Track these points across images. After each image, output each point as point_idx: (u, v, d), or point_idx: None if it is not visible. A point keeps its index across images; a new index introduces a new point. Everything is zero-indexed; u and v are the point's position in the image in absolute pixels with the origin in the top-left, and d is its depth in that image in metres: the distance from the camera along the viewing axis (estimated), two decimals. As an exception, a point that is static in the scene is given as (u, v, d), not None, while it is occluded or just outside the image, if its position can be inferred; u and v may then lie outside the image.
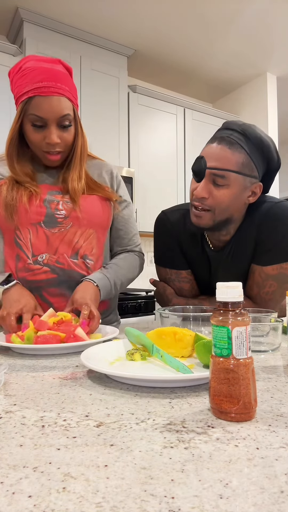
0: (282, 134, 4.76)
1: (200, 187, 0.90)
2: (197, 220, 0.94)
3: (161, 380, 0.51)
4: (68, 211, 0.97)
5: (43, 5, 2.50)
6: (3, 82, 2.39)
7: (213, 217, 0.92)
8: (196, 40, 2.92)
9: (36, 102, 0.88)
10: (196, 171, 0.91)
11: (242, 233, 1.00)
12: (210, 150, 0.90)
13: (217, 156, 0.88)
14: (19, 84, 0.90)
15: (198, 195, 0.90)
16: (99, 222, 1.02)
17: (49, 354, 0.74)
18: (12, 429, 0.39)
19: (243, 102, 3.66)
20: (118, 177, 1.12)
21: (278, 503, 0.26)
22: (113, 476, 0.30)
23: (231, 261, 1.03)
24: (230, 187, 0.89)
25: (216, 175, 0.89)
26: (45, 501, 0.27)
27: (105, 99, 2.82)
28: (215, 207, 0.91)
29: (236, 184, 0.89)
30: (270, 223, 0.96)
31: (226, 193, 0.89)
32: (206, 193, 0.90)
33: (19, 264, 0.96)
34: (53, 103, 0.88)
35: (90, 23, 2.69)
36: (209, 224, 0.93)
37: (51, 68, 0.89)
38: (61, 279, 0.95)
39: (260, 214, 0.97)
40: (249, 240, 0.99)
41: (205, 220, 0.93)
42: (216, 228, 0.96)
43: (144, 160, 3.02)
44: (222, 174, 0.88)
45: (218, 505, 0.26)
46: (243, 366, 0.41)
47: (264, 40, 2.94)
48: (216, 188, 0.90)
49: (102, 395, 0.49)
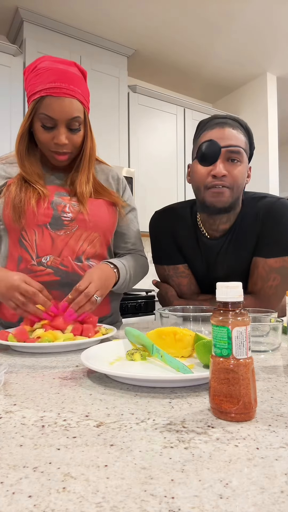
0: (282, 134, 4.76)
1: (220, 166, 0.95)
2: (218, 197, 0.97)
3: (161, 380, 0.51)
4: (74, 214, 0.96)
5: (43, 5, 2.50)
6: (3, 82, 2.39)
7: (232, 194, 0.97)
8: (196, 40, 2.92)
9: (48, 102, 0.88)
10: (209, 153, 0.96)
11: (243, 224, 1.04)
12: (219, 133, 0.96)
13: (227, 136, 0.95)
14: (32, 82, 0.91)
15: (220, 173, 0.94)
16: (105, 226, 1.01)
17: (49, 352, 0.74)
18: (12, 429, 0.39)
19: (243, 102, 3.66)
20: (124, 183, 1.13)
21: (278, 503, 0.26)
22: (113, 476, 0.30)
23: (230, 251, 1.06)
24: (242, 164, 0.97)
25: (232, 152, 0.95)
26: (45, 501, 0.27)
27: (105, 99, 2.82)
28: (233, 184, 0.96)
29: (244, 161, 0.98)
30: (273, 218, 1.00)
31: (240, 169, 0.97)
32: (225, 170, 0.95)
33: (21, 265, 0.95)
34: (64, 104, 0.89)
35: (90, 23, 2.69)
36: (229, 201, 0.98)
37: (65, 70, 0.90)
38: (64, 281, 0.94)
39: (264, 208, 1.02)
40: (250, 233, 1.03)
41: (225, 197, 0.97)
42: (230, 208, 1.00)
43: (144, 160, 3.02)
44: (237, 150, 0.95)
45: (218, 505, 0.26)
46: (243, 366, 0.41)
47: (264, 40, 2.95)
48: (232, 166, 0.96)
49: (102, 395, 0.49)
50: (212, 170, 0.96)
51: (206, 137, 0.98)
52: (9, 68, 2.43)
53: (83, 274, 0.96)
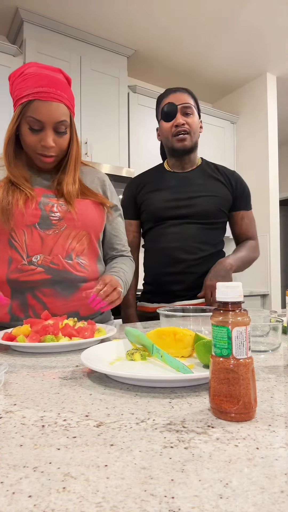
0: (282, 134, 4.76)
1: (179, 118, 1.32)
2: (182, 143, 1.34)
3: (161, 380, 0.51)
4: (62, 213, 0.99)
5: (43, 5, 2.50)
6: (3, 82, 2.40)
7: (191, 138, 1.35)
8: (196, 40, 2.92)
9: (36, 106, 0.92)
10: (170, 111, 1.33)
11: (204, 166, 1.44)
12: (175, 96, 1.34)
13: (180, 98, 1.34)
14: (20, 87, 0.94)
15: (180, 122, 1.31)
16: (93, 224, 1.05)
17: (49, 352, 0.74)
18: (12, 429, 0.39)
19: (243, 102, 3.66)
20: (111, 186, 1.17)
21: (278, 503, 0.26)
22: (113, 476, 0.30)
23: (197, 176, 1.40)
24: (194, 116, 1.35)
25: (185, 107, 1.33)
26: (45, 501, 0.27)
27: (105, 99, 2.82)
28: (191, 129, 1.33)
29: (195, 114, 1.36)
30: (240, 181, 1.42)
31: (194, 119, 1.35)
32: (183, 120, 1.32)
33: (11, 266, 0.96)
34: (52, 108, 0.92)
35: (90, 23, 2.69)
36: (190, 144, 1.35)
37: (52, 76, 0.94)
38: (55, 279, 0.97)
39: (221, 167, 1.45)
40: (211, 174, 1.42)
41: (187, 140, 1.34)
42: (192, 150, 1.37)
43: (144, 160, 3.02)
44: (189, 105, 1.33)
45: (218, 505, 0.26)
46: (243, 366, 0.41)
47: (264, 40, 2.95)
48: (188, 118, 1.34)
49: (102, 395, 0.49)
50: (174, 122, 1.32)
51: (165, 101, 1.34)
52: (9, 68, 2.43)
53: (74, 271, 1.00)
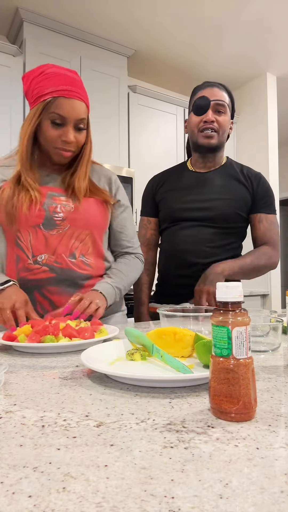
0: (282, 134, 4.76)
1: (210, 114, 1.26)
2: (208, 140, 1.28)
3: (161, 380, 0.51)
4: (65, 213, 1.02)
5: (43, 5, 2.50)
6: (3, 82, 2.39)
7: (218, 137, 1.29)
8: (196, 40, 2.92)
9: (60, 102, 0.96)
10: (202, 105, 1.27)
11: (228, 166, 1.36)
12: (211, 91, 1.27)
13: (215, 93, 1.27)
14: (41, 85, 0.97)
15: (209, 119, 1.26)
16: (95, 223, 1.06)
17: (49, 352, 0.74)
18: (12, 429, 0.39)
19: (243, 102, 3.66)
20: (117, 182, 1.18)
21: (278, 503, 0.26)
22: (113, 476, 0.30)
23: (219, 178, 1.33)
24: (226, 115, 1.29)
25: (219, 105, 1.27)
26: (45, 501, 0.27)
27: (105, 99, 2.82)
28: (220, 129, 1.28)
29: (228, 114, 1.30)
30: (263, 183, 1.32)
31: (225, 118, 1.28)
32: (213, 118, 1.26)
33: (19, 264, 1.00)
34: (75, 105, 0.98)
35: (90, 23, 2.69)
36: (215, 143, 1.29)
37: (72, 77, 1.00)
38: (60, 277, 1.01)
39: (246, 168, 1.36)
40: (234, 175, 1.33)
41: (214, 139, 1.28)
42: (217, 149, 1.31)
43: (144, 160, 3.02)
44: (223, 103, 1.27)
45: (218, 505, 0.26)
46: (243, 366, 0.41)
47: (264, 40, 2.95)
48: (219, 116, 1.27)
49: (102, 395, 0.49)
50: (203, 117, 1.27)
51: (199, 94, 1.28)
52: (9, 68, 2.43)
53: (78, 269, 1.02)
